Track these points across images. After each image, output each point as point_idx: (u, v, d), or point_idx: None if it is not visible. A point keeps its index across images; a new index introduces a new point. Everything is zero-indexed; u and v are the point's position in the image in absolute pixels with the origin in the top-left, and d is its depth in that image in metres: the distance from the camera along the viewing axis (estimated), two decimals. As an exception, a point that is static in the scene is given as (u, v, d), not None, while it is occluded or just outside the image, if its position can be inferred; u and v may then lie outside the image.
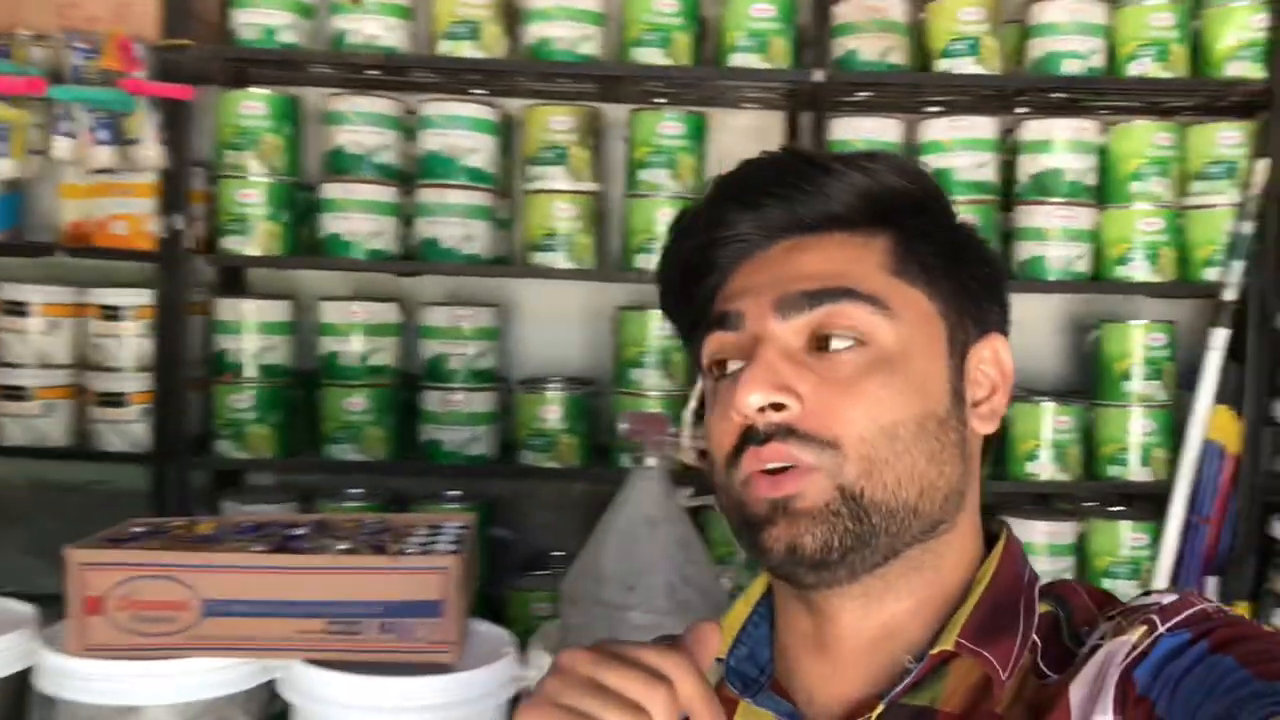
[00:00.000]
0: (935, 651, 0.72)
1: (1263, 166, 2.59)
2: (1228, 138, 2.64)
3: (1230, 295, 2.60)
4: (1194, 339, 2.76)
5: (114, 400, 2.64)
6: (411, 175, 2.70)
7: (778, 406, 0.72)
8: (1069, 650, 0.73)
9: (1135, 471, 2.66)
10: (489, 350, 2.71)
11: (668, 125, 2.63)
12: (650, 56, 2.59)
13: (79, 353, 2.70)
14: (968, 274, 0.79)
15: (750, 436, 0.73)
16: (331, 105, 2.64)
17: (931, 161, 2.65)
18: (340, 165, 2.63)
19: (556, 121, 2.65)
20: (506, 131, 2.78)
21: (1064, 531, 2.67)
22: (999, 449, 2.73)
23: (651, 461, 1.59)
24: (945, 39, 2.61)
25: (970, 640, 0.72)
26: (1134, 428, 2.66)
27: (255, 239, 2.62)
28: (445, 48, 2.59)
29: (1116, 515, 2.72)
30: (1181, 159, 2.67)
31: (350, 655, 1.51)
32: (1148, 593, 0.75)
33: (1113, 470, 2.67)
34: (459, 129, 2.62)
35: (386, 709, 1.50)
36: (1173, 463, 2.65)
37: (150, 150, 2.51)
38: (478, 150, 2.63)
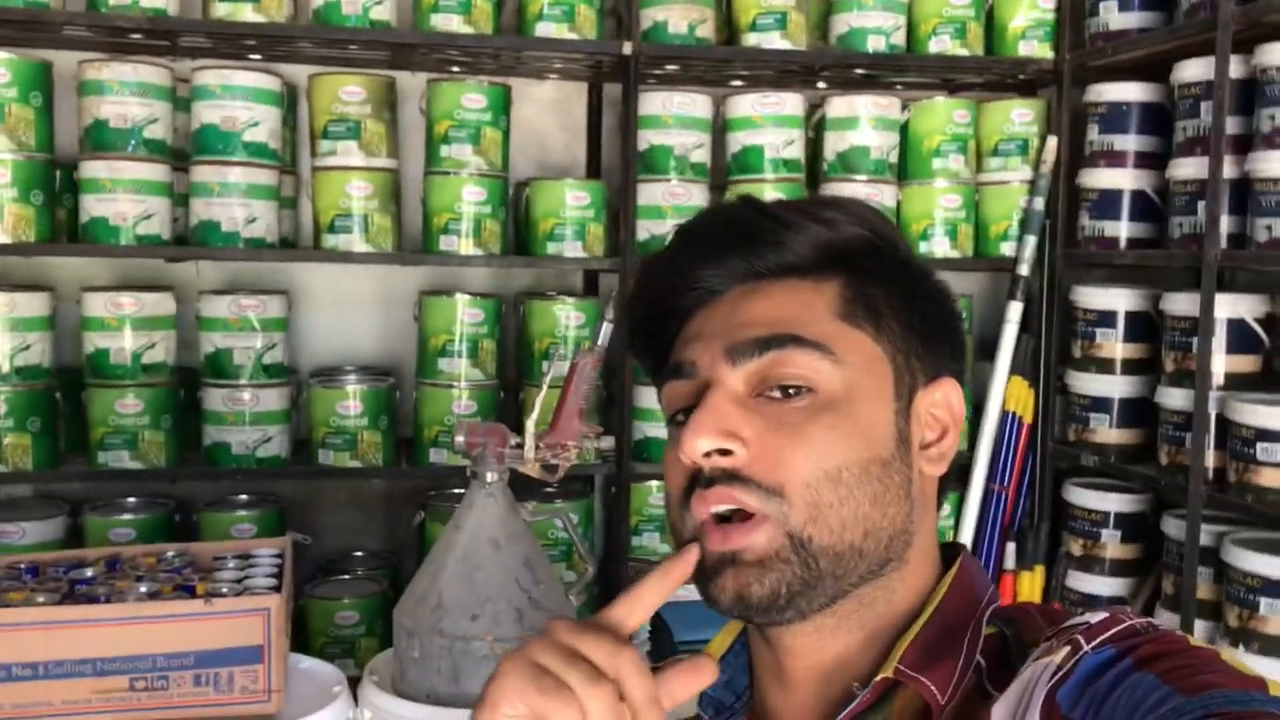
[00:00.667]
0: (879, 679, 0.73)
1: (1052, 144, 2.67)
2: (1021, 115, 2.71)
3: (1024, 269, 2.68)
4: (990, 312, 2.83)
5: None
6: (185, 151, 2.45)
7: (724, 452, 0.72)
8: (1015, 670, 0.72)
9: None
10: (279, 342, 2.51)
11: (470, 98, 2.48)
12: (449, 24, 2.43)
13: None
14: (918, 316, 0.79)
15: (698, 479, 0.74)
16: (89, 73, 2.36)
17: (741, 138, 2.61)
18: (102, 140, 2.35)
19: (347, 92, 2.45)
20: (290, 102, 2.56)
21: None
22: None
23: (492, 476, 1.47)
24: (753, 13, 2.56)
25: (910, 667, 0.73)
26: (937, 400, 2.70)
27: (3, 224, 2.32)
28: (221, 10, 2.35)
29: None
30: (977, 136, 2.73)
31: (159, 713, 1.33)
32: (1083, 612, 0.74)
33: (917, 443, 2.71)
34: (238, 99, 2.39)
35: (204, 771, 1.33)
36: (973, 434, 2.72)
37: None
38: (259, 123, 2.41)
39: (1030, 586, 2.69)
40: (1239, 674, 0.62)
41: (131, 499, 2.55)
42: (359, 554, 2.79)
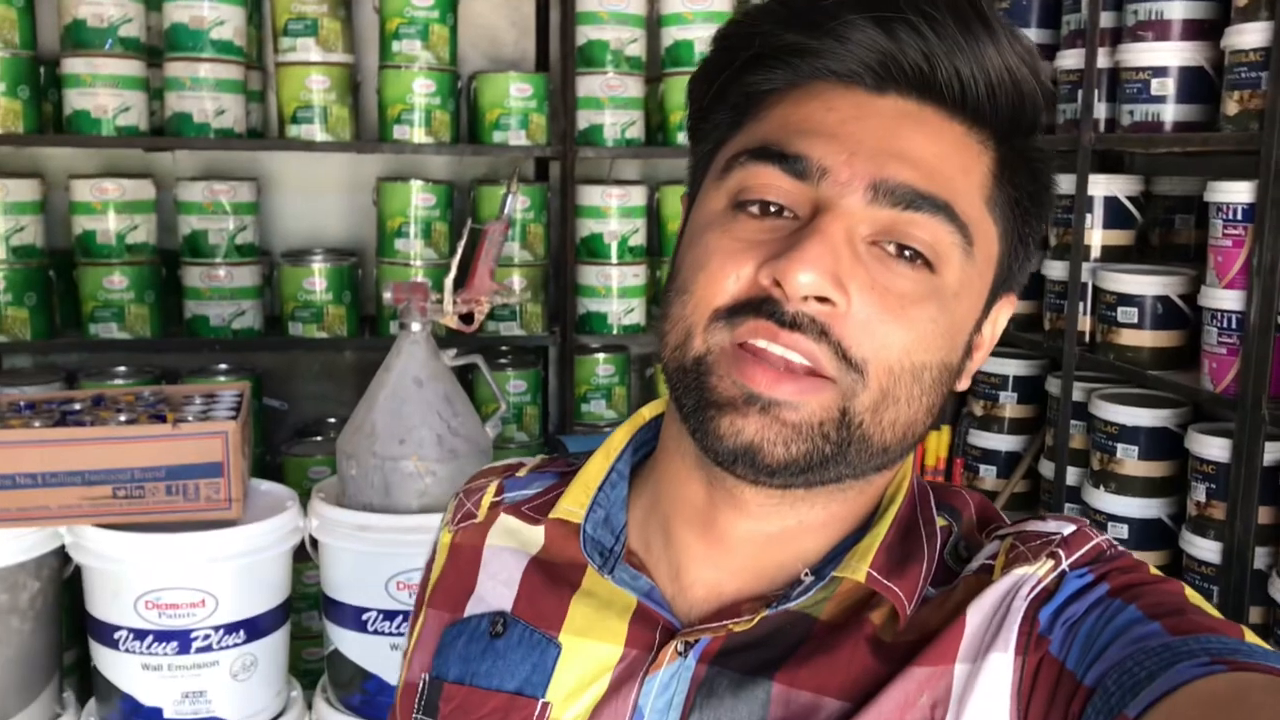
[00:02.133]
0: (843, 576, 0.66)
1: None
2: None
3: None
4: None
5: None
6: (159, 49, 2.66)
7: (823, 299, 0.60)
8: (949, 567, 0.68)
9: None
10: (250, 224, 2.75)
11: (418, -4, 2.69)
12: (396, -73, 2.63)
13: None
14: (1036, 222, 0.69)
15: (770, 309, 0.61)
16: (66, -25, 2.57)
17: (674, 33, 2.82)
18: (81, 38, 2.57)
19: (305, -7, 2.67)
20: (255, 2, 2.77)
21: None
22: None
23: (416, 326, 1.73)
24: (681, -86, 2.76)
25: (880, 572, 0.66)
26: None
27: (-6, 116, 2.55)
28: (186, -84, 2.55)
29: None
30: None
31: (138, 517, 1.61)
32: (1041, 516, 0.69)
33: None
34: (204, 0, 2.60)
35: (178, 562, 1.62)
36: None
37: None
38: (225, 21, 2.62)
39: (937, 444, 2.97)
40: (1217, 618, 0.59)
41: (122, 368, 2.81)
42: (331, 420, 3.07)
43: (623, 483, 0.75)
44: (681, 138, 2.85)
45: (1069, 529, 0.66)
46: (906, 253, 0.62)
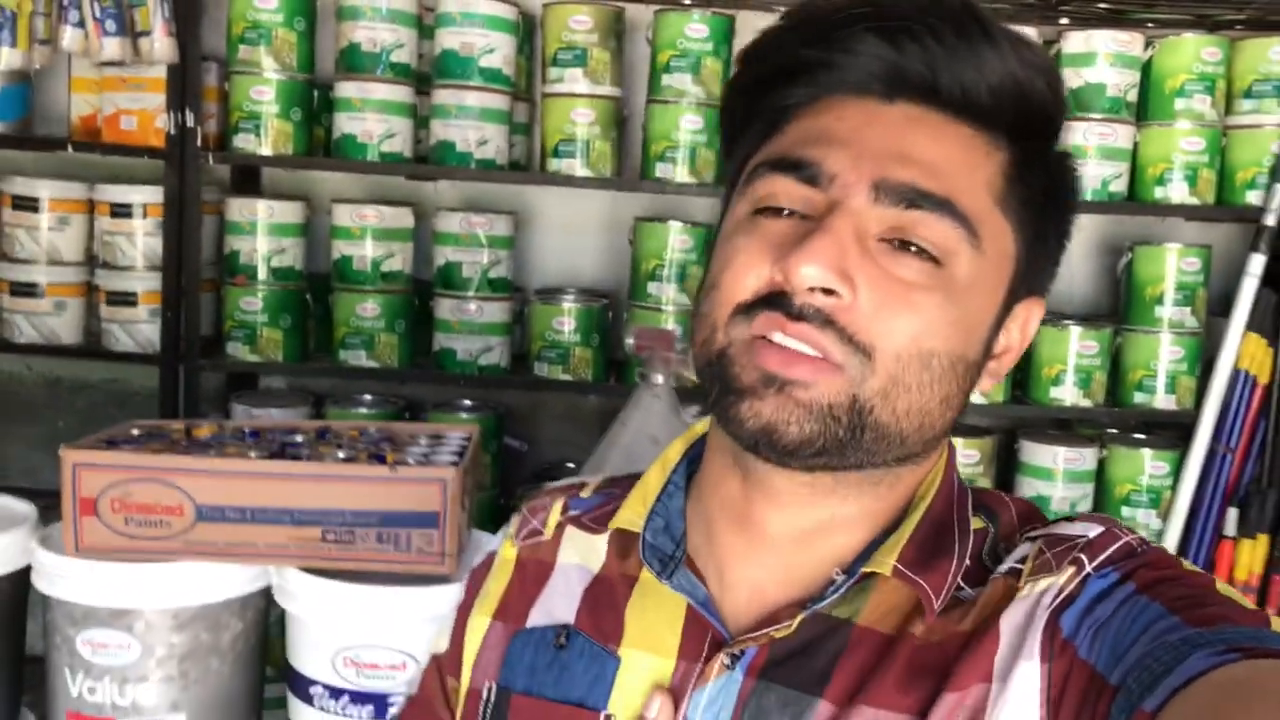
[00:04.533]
0: (871, 571, 0.69)
1: (1313, 85, 2.47)
2: (1279, 54, 2.52)
3: (1271, 220, 2.51)
4: (1230, 264, 2.67)
5: (124, 299, 2.62)
6: (427, 75, 2.62)
7: (829, 292, 0.64)
8: (985, 566, 0.70)
9: (1161, 399, 2.60)
10: (504, 259, 2.66)
11: (693, 27, 2.53)
12: (676, -45, 2.49)
13: (89, 250, 2.67)
14: (1056, 222, 0.73)
15: (780, 302, 0.65)
16: None
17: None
18: (354, 63, 2.55)
19: (576, 21, 2.56)
20: (526, 31, 2.70)
21: (1084, 458, 2.62)
22: (1023, 372, 2.67)
23: (659, 378, 1.54)
24: (985, -57, 2.50)
25: (908, 566, 0.68)
26: (1162, 354, 2.59)
27: (267, 138, 2.56)
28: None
29: (1138, 443, 2.66)
30: (1229, 76, 2.56)
31: (346, 564, 1.49)
32: (1070, 518, 0.71)
33: (1138, 397, 2.61)
34: (475, 27, 2.53)
35: (383, 617, 1.48)
36: (1200, 391, 2.58)
37: (160, 43, 2.44)
38: (495, 49, 2.55)
39: (1251, 556, 2.54)
40: (1241, 607, 0.60)
41: (368, 396, 2.78)
42: (570, 465, 2.93)
43: (679, 493, 0.78)
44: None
45: (1095, 530, 0.67)
46: (912, 248, 0.66)
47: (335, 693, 1.49)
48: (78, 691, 1.51)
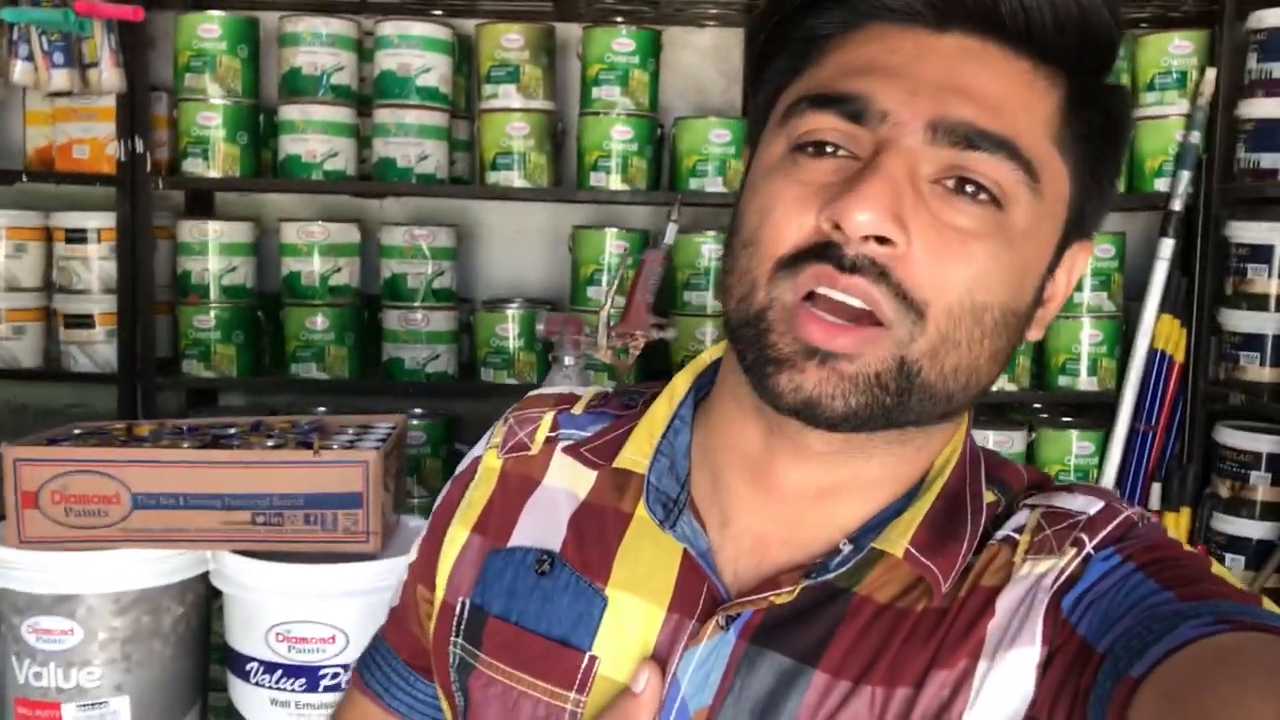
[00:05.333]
0: (881, 548, 0.65)
1: (1210, 75, 2.59)
2: (1179, 47, 2.64)
3: (1177, 205, 2.62)
4: (1142, 250, 2.78)
5: (81, 322, 2.71)
6: (368, 96, 2.73)
7: (883, 240, 0.59)
8: (988, 532, 0.68)
9: (1084, 381, 2.71)
10: (448, 269, 2.76)
11: (620, 42, 2.65)
12: (600, -27, 2.61)
13: (47, 276, 2.77)
14: (1109, 162, 0.68)
15: (830, 253, 0.60)
16: (288, 26, 2.67)
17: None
18: (296, 86, 2.66)
19: (508, 39, 2.67)
20: (462, 51, 2.81)
21: (1013, 440, 2.71)
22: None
23: (569, 359, 1.64)
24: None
25: (920, 549, 0.65)
26: (1083, 338, 2.70)
27: (215, 161, 2.66)
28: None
29: (1065, 425, 2.76)
30: (1133, 70, 2.68)
31: (276, 545, 1.58)
32: (1070, 487, 0.69)
33: (1063, 380, 2.72)
34: (412, 48, 2.65)
35: (314, 594, 1.57)
36: (1121, 372, 2.69)
37: (108, 73, 2.54)
38: (431, 69, 2.66)
39: (1175, 528, 2.64)
40: (1234, 587, 0.59)
41: (322, 408, 2.87)
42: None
43: (686, 429, 0.73)
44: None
45: (1096, 506, 0.65)
46: (969, 189, 0.61)
47: (270, 668, 1.58)
48: (24, 678, 1.59)
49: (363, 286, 2.81)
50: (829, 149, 0.62)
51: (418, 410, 2.86)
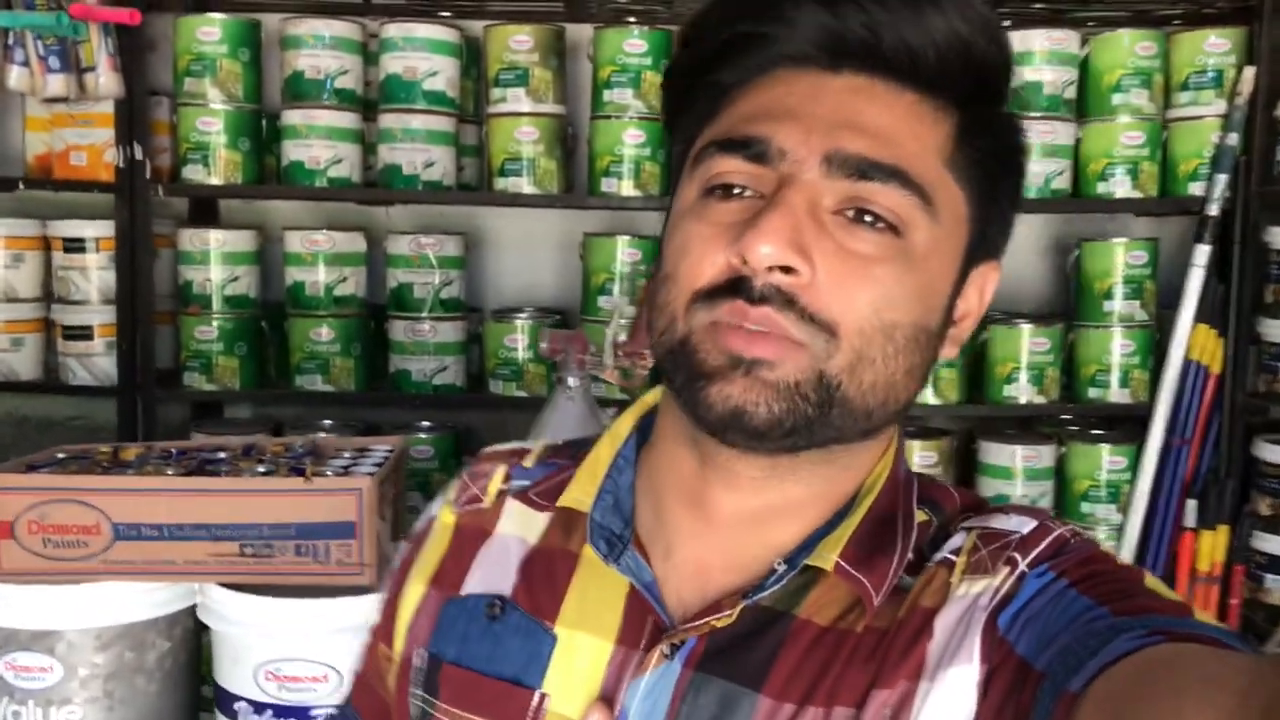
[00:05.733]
0: (813, 564, 0.68)
1: (1249, 75, 2.49)
2: (1215, 45, 2.54)
3: (1214, 210, 2.51)
4: (1177, 256, 2.68)
5: (80, 333, 2.64)
6: (373, 101, 2.65)
7: (787, 269, 0.63)
8: (924, 556, 0.69)
9: (1115, 393, 2.60)
10: (455, 279, 2.68)
11: (631, 43, 2.56)
12: (611, -28, 2.52)
13: (45, 286, 2.70)
14: (1007, 185, 0.72)
15: (741, 288, 0.64)
16: (289, 29, 2.59)
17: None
18: (299, 90, 2.58)
19: (516, 41, 2.59)
20: (470, 54, 2.72)
21: (1042, 455, 2.62)
22: (977, 372, 2.67)
23: (573, 380, 1.55)
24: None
25: (849, 562, 0.67)
26: (1114, 348, 2.60)
27: (216, 168, 2.59)
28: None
29: (1096, 438, 2.66)
30: (1166, 70, 2.58)
31: (266, 577, 1.50)
32: (1005, 508, 0.71)
33: (1093, 392, 2.61)
34: (418, 51, 2.56)
35: (303, 630, 1.49)
36: (1154, 384, 2.59)
37: (105, 77, 2.47)
38: (438, 72, 2.58)
39: (1212, 546, 2.53)
40: (1168, 599, 0.60)
41: (327, 421, 2.79)
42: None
43: (629, 468, 0.76)
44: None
45: (1029, 526, 0.67)
46: (868, 218, 0.65)
47: (259, 708, 1.50)
48: (3, 715, 1.51)
49: (369, 296, 2.72)
50: (736, 190, 0.66)
51: (425, 423, 2.78)
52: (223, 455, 1.64)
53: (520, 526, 0.79)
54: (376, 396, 2.71)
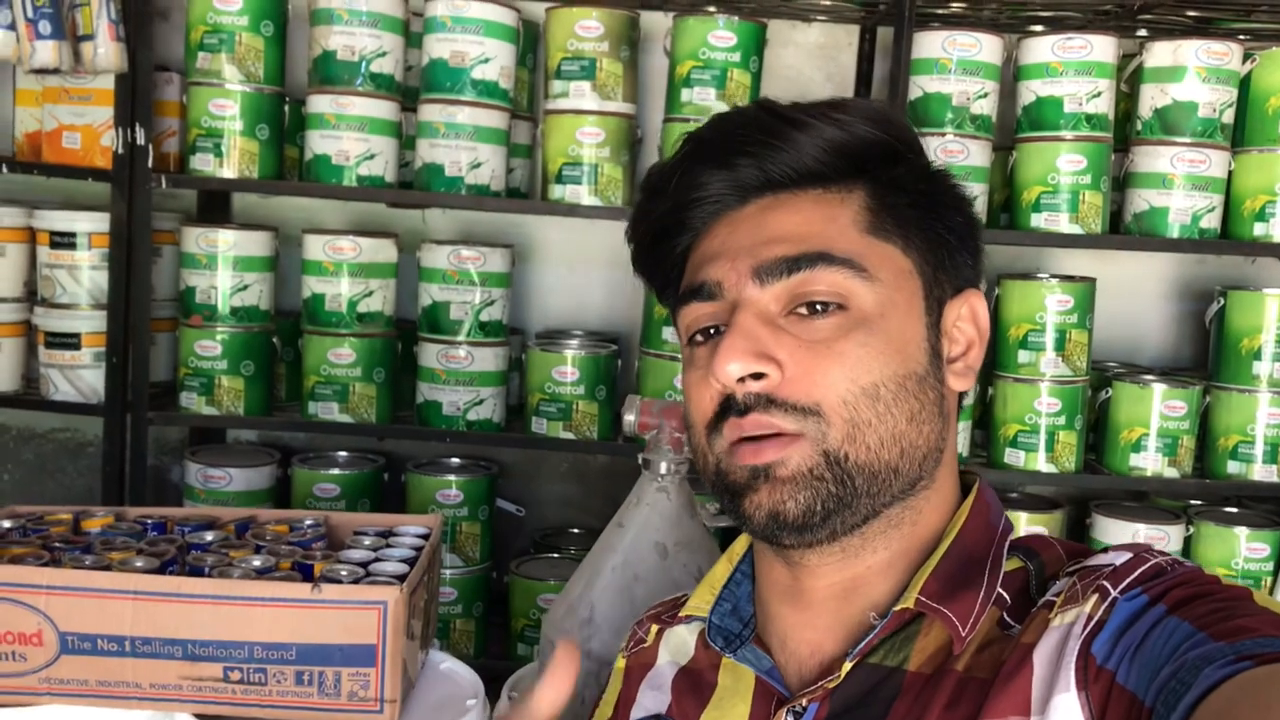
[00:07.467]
0: (898, 609, 0.73)
1: None
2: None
3: (1394, 262, 2.14)
4: (1342, 314, 2.30)
5: (65, 342, 2.29)
6: (414, 89, 2.29)
7: (757, 376, 0.72)
8: (1031, 601, 0.72)
9: (1259, 470, 2.23)
10: (499, 298, 2.32)
11: (717, 35, 2.19)
12: (699, -48, 2.15)
13: (29, 284, 2.35)
14: (943, 226, 0.78)
15: (730, 406, 0.73)
16: (320, 1, 2.23)
17: (1035, 88, 2.20)
18: (329, 73, 2.22)
19: (584, 27, 2.22)
20: (528, 40, 2.36)
21: (1168, 536, 2.25)
22: (1097, 436, 2.31)
23: (665, 465, 1.19)
24: (1059, -62, 2.15)
25: (931, 598, 0.72)
26: (1260, 416, 2.22)
27: (229, 158, 2.23)
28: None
29: (1231, 519, 2.30)
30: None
31: (254, 710, 1.14)
32: (1107, 549, 0.72)
33: (1232, 466, 2.24)
34: (468, 33, 2.20)
35: (301, 785, 1.13)
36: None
37: (104, 48, 2.12)
38: (490, 59, 2.22)
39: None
40: (1270, 615, 0.60)
41: (342, 453, 2.45)
42: (575, 531, 2.59)
43: (747, 580, 0.86)
44: (1037, 219, 2.21)
45: (1123, 558, 0.69)
46: (817, 307, 0.73)
47: None
48: None
49: (397, 314, 2.37)
50: (711, 330, 0.78)
51: (455, 460, 2.43)
52: (210, 537, 1.28)
53: (674, 652, 0.89)
54: (400, 429, 2.35)
